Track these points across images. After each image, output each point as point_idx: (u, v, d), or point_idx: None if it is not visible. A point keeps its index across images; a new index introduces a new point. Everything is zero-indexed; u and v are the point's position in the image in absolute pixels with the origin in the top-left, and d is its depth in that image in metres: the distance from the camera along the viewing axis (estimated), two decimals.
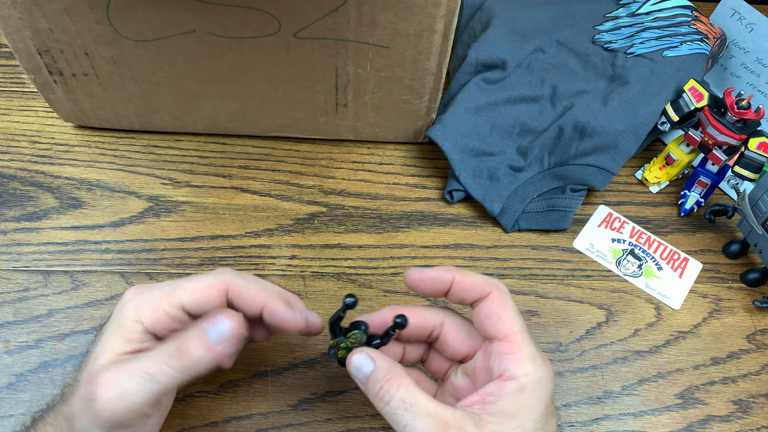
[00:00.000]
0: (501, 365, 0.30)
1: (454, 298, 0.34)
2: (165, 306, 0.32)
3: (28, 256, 0.46)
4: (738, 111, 0.47)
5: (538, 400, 0.30)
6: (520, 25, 0.54)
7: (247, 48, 0.44)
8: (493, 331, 0.32)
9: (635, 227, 0.51)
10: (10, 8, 0.41)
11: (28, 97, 0.54)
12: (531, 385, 0.30)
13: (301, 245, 0.48)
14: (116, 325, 0.32)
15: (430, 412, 0.29)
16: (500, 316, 0.31)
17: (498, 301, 0.32)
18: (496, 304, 0.32)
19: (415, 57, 0.45)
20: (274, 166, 0.52)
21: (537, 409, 0.29)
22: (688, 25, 0.53)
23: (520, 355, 0.30)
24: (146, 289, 0.33)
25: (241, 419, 0.40)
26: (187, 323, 0.32)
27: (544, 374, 0.30)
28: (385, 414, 0.30)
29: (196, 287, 0.32)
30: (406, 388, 0.30)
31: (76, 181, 0.49)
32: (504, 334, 0.31)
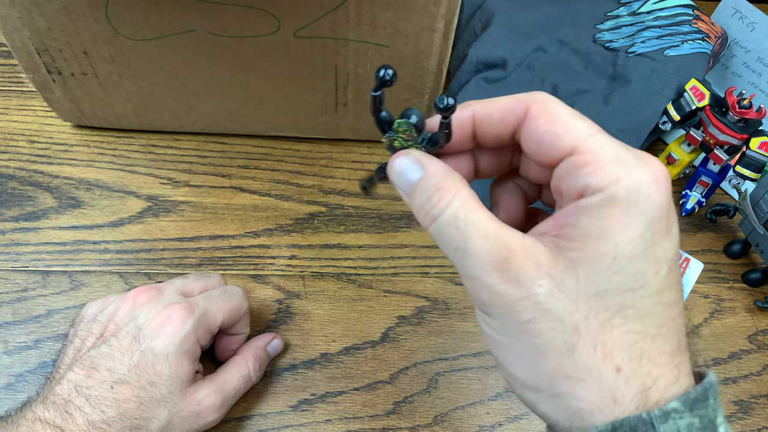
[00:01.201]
0: (578, 183, 0.22)
1: (486, 141, 0.26)
2: (213, 330, 0.38)
3: (26, 256, 0.45)
4: (739, 110, 0.47)
5: (634, 214, 0.21)
6: (521, 24, 0.54)
7: (247, 47, 0.44)
8: (555, 153, 0.23)
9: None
10: (9, 7, 0.41)
11: (26, 96, 0.54)
12: (623, 195, 0.21)
13: (301, 245, 0.47)
14: (184, 351, 0.35)
15: (490, 233, 0.22)
16: (553, 131, 0.23)
17: (542, 113, 0.23)
18: (542, 120, 0.23)
19: (415, 56, 0.44)
20: (273, 165, 0.52)
21: (634, 227, 0.21)
22: (689, 24, 0.53)
23: (599, 163, 0.22)
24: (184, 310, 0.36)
25: (240, 420, 0.40)
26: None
27: (643, 178, 0.21)
28: (433, 234, 0.23)
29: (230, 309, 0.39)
30: (462, 201, 0.23)
31: (75, 181, 0.49)
32: (568, 148, 0.22)
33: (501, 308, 0.22)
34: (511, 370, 0.23)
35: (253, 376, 0.39)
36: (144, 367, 0.34)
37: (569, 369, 0.21)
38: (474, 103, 0.25)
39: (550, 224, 0.23)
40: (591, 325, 0.21)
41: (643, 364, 0.21)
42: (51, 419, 0.32)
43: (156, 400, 0.34)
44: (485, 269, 0.22)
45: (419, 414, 0.41)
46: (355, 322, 0.44)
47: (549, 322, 0.21)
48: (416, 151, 0.25)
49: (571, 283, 0.21)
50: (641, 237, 0.21)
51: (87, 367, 0.34)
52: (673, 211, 0.22)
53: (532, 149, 0.24)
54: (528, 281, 0.21)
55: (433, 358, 0.43)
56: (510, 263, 0.22)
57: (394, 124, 0.25)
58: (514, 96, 0.24)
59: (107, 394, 0.33)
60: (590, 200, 0.21)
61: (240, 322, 0.39)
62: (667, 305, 0.22)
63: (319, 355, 0.43)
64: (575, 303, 0.21)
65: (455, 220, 0.22)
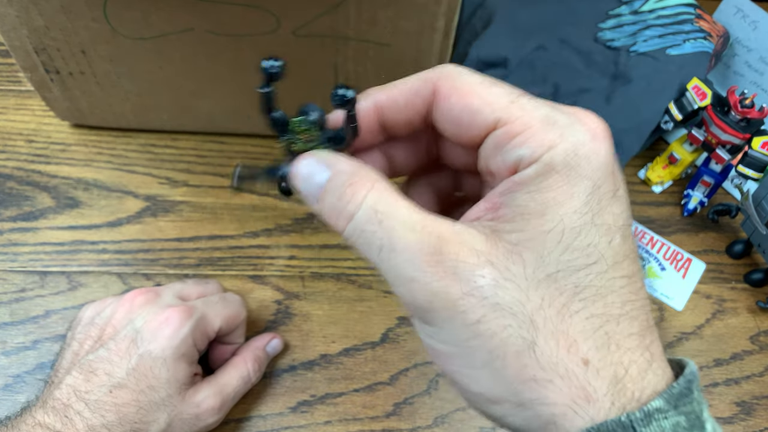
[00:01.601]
0: (508, 157, 0.19)
1: (397, 131, 0.23)
2: (210, 335, 0.37)
3: (24, 256, 0.45)
4: (741, 110, 0.46)
5: (576, 180, 0.19)
6: (522, 23, 0.54)
7: (246, 46, 0.43)
8: (476, 130, 0.20)
9: (638, 227, 0.50)
10: (7, 6, 0.40)
11: (24, 95, 0.53)
12: (561, 160, 0.19)
13: (300, 245, 0.47)
14: (182, 354, 0.35)
15: (416, 224, 0.19)
16: (469, 106, 0.20)
17: (453, 89, 0.21)
18: (455, 97, 0.20)
19: (415, 55, 0.44)
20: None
21: (578, 194, 0.19)
22: (691, 23, 0.53)
23: (528, 130, 0.19)
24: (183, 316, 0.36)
25: (239, 421, 0.40)
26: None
27: (579, 137, 0.19)
28: (350, 235, 0.20)
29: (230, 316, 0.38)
30: (380, 193, 0.20)
31: (73, 181, 0.49)
32: (490, 121, 0.20)
33: (442, 312, 0.19)
34: (467, 386, 0.20)
35: (253, 377, 0.39)
36: (142, 371, 0.33)
37: (533, 370, 0.18)
38: (374, 91, 0.23)
39: (482, 207, 0.20)
40: (548, 315, 0.18)
41: (612, 351, 0.19)
42: (51, 424, 0.31)
43: (155, 403, 0.33)
44: (416, 266, 0.19)
45: (419, 415, 0.41)
46: (354, 323, 0.44)
47: (500, 318, 0.18)
48: (321, 151, 0.22)
49: (516, 270, 0.18)
50: (587, 204, 0.19)
51: (85, 371, 0.33)
52: (617, 169, 0.20)
53: (450, 131, 0.21)
54: (467, 273, 0.18)
55: None
56: (444, 254, 0.19)
57: (290, 124, 0.22)
58: (417, 75, 0.22)
59: (106, 399, 0.32)
60: (525, 173, 0.19)
61: (236, 330, 0.39)
62: (627, 279, 0.19)
63: (318, 356, 0.42)
64: (525, 292, 0.18)
65: (375, 214, 0.19)
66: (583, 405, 0.18)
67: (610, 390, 0.18)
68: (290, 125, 0.22)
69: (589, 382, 0.18)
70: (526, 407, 0.19)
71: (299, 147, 0.22)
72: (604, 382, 0.18)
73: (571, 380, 0.18)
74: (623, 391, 0.18)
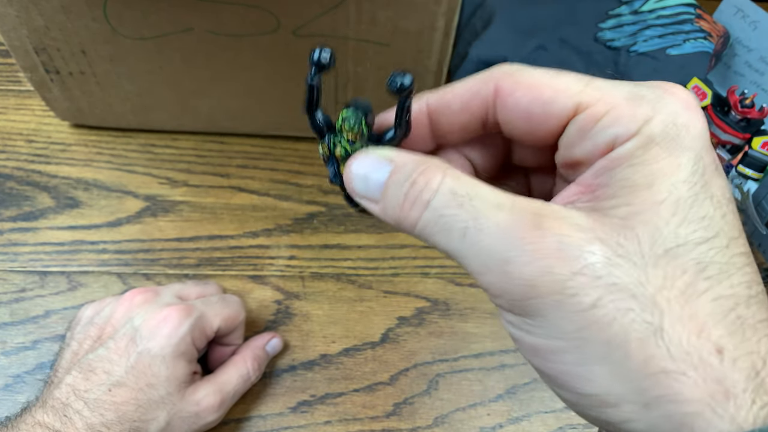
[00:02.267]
0: (600, 140, 0.18)
1: (449, 137, 0.21)
2: (209, 334, 0.37)
3: (24, 256, 0.45)
4: (742, 110, 0.46)
5: (680, 150, 0.17)
6: (522, 23, 0.54)
7: (246, 46, 0.43)
8: (554, 121, 0.19)
9: None
10: (7, 6, 0.40)
11: (24, 95, 0.53)
12: (660, 131, 0.17)
13: (300, 245, 0.47)
14: (181, 352, 0.35)
15: (504, 203, 0.17)
16: (541, 98, 0.19)
17: (518, 85, 0.19)
18: (521, 91, 0.19)
19: (415, 55, 0.44)
20: (272, 165, 0.51)
21: (684, 165, 0.17)
22: (691, 23, 0.53)
23: (617, 109, 0.18)
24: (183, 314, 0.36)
25: (239, 421, 0.40)
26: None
27: (674, 107, 0.18)
28: (427, 225, 0.18)
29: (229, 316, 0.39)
30: (455, 176, 0.18)
31: (73, 181, 0.49)
32: (569, 109, 0.18)
33: (548, 297, 0.16)
34: (577, 387, 0.17)
35: (252, 376, 0.39)
36: (141, 369, 0.33)
37: (662, 361, 0.16)
38: (426, 94, 0.21)
39: (573, 191, 0.18)
40: (672, 296, 0.16)
41: (747, 337, 0.16)
42: (50, 423, 0.31)
43: (154, 401, 0.33)
44: (512, 244, 0.16)
45: (419, 415, 0.41)
46: (354, 323, 0.44)
47: (619, 301, 0.16)
48: (375, 147, 0.20)
49: (630, 246, 0.16)
50: (694, 174, 0.17)
51: (85, 370, 0.33)
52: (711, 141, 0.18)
53: (521, 128, 0.19)
54: (574, 249, 0.16)
55: (433, 359, 0.43)
56: (544, 229, 0.16)
57: (340, 119, 0.20)
58: (474, 77, 0.20)
59: (105, 397, 0.32)
60: (624, 148, 0.17)
61: (235, 332, 0.39)
62: (747, 257, 0.17)
63: (318, 356, 0.42)
64: (644, 270, 0.16)
65: (454, 197, 0.17)
66: (722, 402, 0.16)
67: (750, 384, 0.16)
68: (339, 121, 0.20)
69: (725, 374, 0.16)
70: (653, 407, 0.16)
71: (342, 150, 0.20)
72: (742, 374, 0.16)
73: (706, 372, 0.16)
74: (763, 387, 0.16)
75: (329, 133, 0.20)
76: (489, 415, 0.41)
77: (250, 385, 0.39)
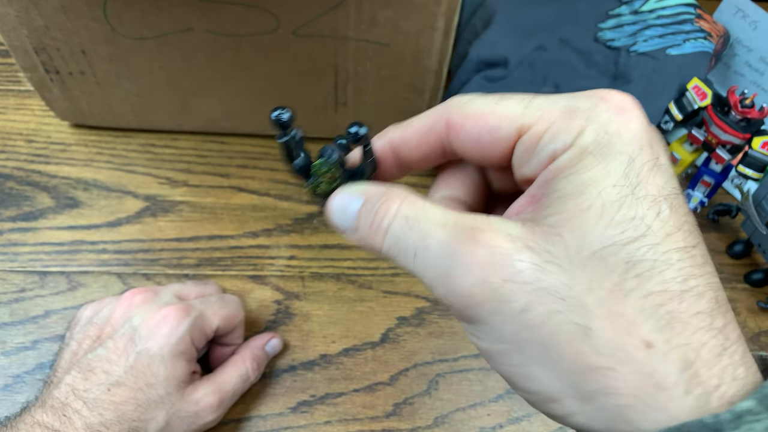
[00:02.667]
0: (542, 157, 0.19)
1: (415, 165, 0.23)
2: (208, 333, 0.37)
3: (24, 256, 0.45)
4: (742, 109, 0.46)
5: (611, 156, 0.18)
6: (522, 23, 0.54)
7: (246, 46, 0.43)
8: (502, 145, 0.20)
9: None
10: (7, 6, 0.40)
11: (24, 95, 0.53)
12: (592, 140, 0.18)
13: (300, 245, 0.47)
14: (179, 352, 0.35)
15: (448, 221, 0.19)
16: (487, 126, 0.20)
17: (466, 117, 0.21)
18: (470, 122, 0.20)
19: (415, 55, 0.44)
20: (272, 165, 0.51)
21: (614, 169, 0.18)
22: (691, 23, 0.53)
23: (554, 125, 0.19)
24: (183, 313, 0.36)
25: (239, 421, 0.40)
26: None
27: (606, 115, 0.19)
28: (389, 248, 0.20)
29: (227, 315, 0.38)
30: (410, 203, 0.20)
31: (73, 181, 0.49)
32: (513, 132, 0.20)
33: (485, 304, 0.18)
34: (525, 385, 0.18)
35: (252, 376, 0.39)
36: (140, 369, 0.33)
37: (591, 358, 0.17)
38: (390, 131, 0.23)
39: (522, 203, 0.20)
40: (599, 296, 0.17)
41: (678, 332, 0.17)
42: (49, 423, 0.31)
43: (153, 401, 0.33)
44: (451, 259, 0.18)
45: (419, 415, 0.41)
46: (354, 323, 0.44)
47: (547, 304, 0.17)
48: (349, 184, 0.23)
49: (558, 251, 0.17)
50: (625, 177, 0.18)
51: (84, 370, 0.33)
52: (656, 139, 0.19)
53: (476, 155, 0.21)
54: (504, 259, 0.17)
55: (433, 359, 0.43)
56: (477, 243, 0.18)
57: (313, 168, 0.23)
58: (428, 113, 0.22)
59: (104, 397, 0.32)
60: (560, 160, 0.18)
61: (234, 332, 0.39)
62: (684, 252, 0.17)
63: (318, 356, 0.42)
64: (571, 274, 0.17)
65: (407, 221, 0.19)
66: (654, 394, 0.16)
67: (682, 376, 0.16)
68: (312, 169, 0.23)
69: (656, 367, 0.16)
70: (589, 401, 0.17)
71: (324, 188, 0.23)
72: (673, 367, 0.16)
73: (634, 366, 0.17)
74: (697, 379, 0.16)
75: (311, 174, 0.23)
76: (489, 415, 0.41)
77: (250, 385, 0.39)
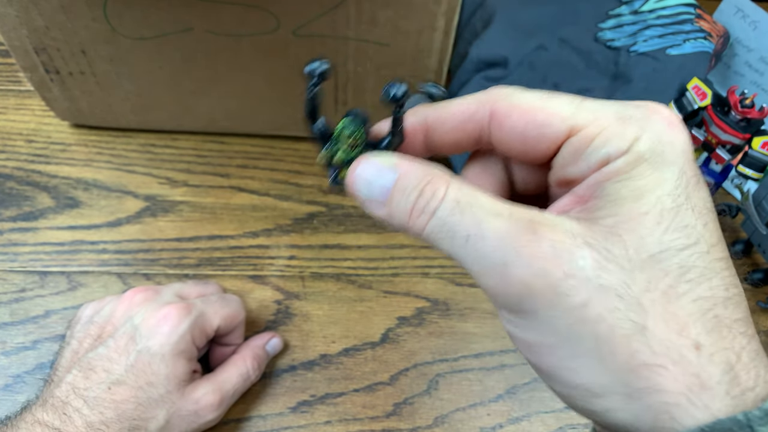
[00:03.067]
0: (593, 160, 0.19)
1: (442, 150, 0.23)
2: (209, 332, 0.37)
3: (24, 256, 0.45)
4: (742, 110, 0.46)
5: (665, 166, 0.19)
6: (522, 23, 0.54)
7: (246, 46, 0.43)
8: (547, 143, 0.20)
9: None
10: (7, 6, 0.40)
11: (24, 95, 0.53)
12: (647, 149, 0.19)
13: (300, 245, 0.47)
14: (180, 351, 0.35)
15: (503, 211, 0.19)
16: (536, 122, 0.20)
17: (513, 108, 0.21)
18: (517, 115, 0.20)
19: (415, 55, 0.44)
20: (272, 165, 0.51)
21: (669, 179, 0.19)
22: (691, 23, 0.53)
23: (607, 130, 0.19)
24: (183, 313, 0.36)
25: (239, 421, 0.40)
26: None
27: (659, 127, 0.19)
28: (432, 232, 0.20)
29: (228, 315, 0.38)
30: (458, 187, 0.19)
31: (73, 181, 0.49)
32: (562, 132, 0.20)
33: (542, 297, 0.18)
34: (568, 379, 0.19)
35: (252, 375, 0.39)
36: (141, 367, 0.33)
37: (644, 356, 0.17)
38: (425, 109, 0.22)
39: (567, 201, 0.20)
40: (655, 297, 0.18)
41: (723, 335, 0.18)
42: (50, 421, 0.31)
43: (154, 400, 0.33)
44: (510, 249, 0.18)
45: (419, 415, 0.41)
46: (354, 323, 0.44)
47: (607, 300, 0.17)
48: (379, 153, 0.21)
49: (618, 251, 0.18)
50: (678, 187, 0.19)
51: (85, 368, 0.33)
52: (694, 156, 0.20)
53: (516, 149, 0.21)
54: (566, 253, 0.18)
55: (433, 359, 0.43)
56: (538, 235, 0.18)
57: (338, 128, 0.21)
58: (470, 98, 0.22)
59: (105, 396, 0.32)
60: (615, 165, 0.19)
61: (235, 332, 0.39)
62: (725, 262, 0.19)
63: (318, 356, 0.42)
64: (630, 273, 0.18)
65: (458, 205, 0.19)
66: (698, 393, 0.17)
67: (724, 377, 0.17)
68: (338, 129, 0.21)
69: (703, 367, 0.17)
70: (635, 398, 0.18)
71: (340, 157, 0.21)
72: (718, 368, 0.17)
73: (684, 366, 0.17)
74: (736, 380, 0.17)
75: (329, 140, 0.22)
76: (489, 415, 0.41)
77: (250, 385, 0.39)
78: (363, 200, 0.21)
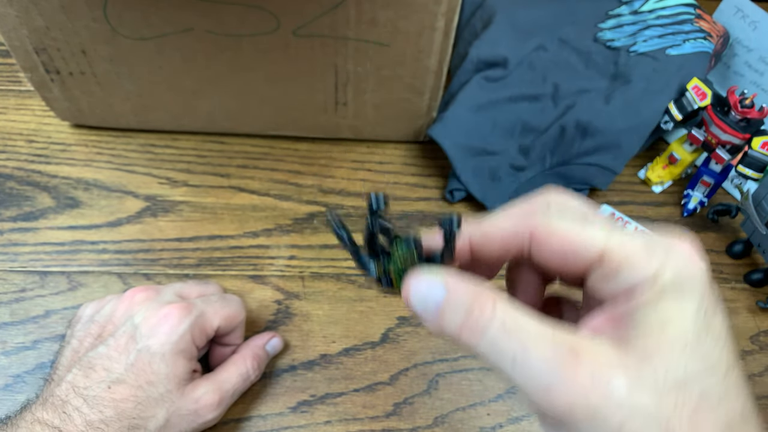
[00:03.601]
0: (620, 286, 0.22)
1: (485, 262, 0.26)
2: (209, 332, 0.37)
3: (24, 256, 0.45)
4: (741, 110, 0.46)
5: (687, 297, 0.21)
6: (522, 23, 0.54)
7: (246, 46, 0.43)
8: (582, 264, 0.23)
9: (638, 227, 0.50)
10: (7, 6, 0.40)
11: (24, 95, 0.53)
12: (671, 282, 0.21)
13: (300, 245, 0.47)
14: (180, 350, 0.35)
15: (545, 335, 0.21)
16: (573, 248, 0.22)
17: (552, 234, 0.23)
18: (555, 240, 0.23)
19: (415, 55, 0.44)
20: (272, 165, 0.51)
21: (691, 309, 0.21)
22: (691, 23, 0.53)
23: (634, 262, 0.21)
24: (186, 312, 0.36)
25: (239, 421, 0.40)
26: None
27: (681, 260, 0.21)
28: (485, 350, 0.22)
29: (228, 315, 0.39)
30: (504, 307, 0.21)
31: (73, 181, 0.49)
32: (594, 258, 0.22)
33: (583, 419, 0.20)
34: None
35: (252, 375, 0.39)
36: (141, 367, 0.33)
37: None
38: (469, 228, 0.25)
39: (602, 320, 0.22)
40: (683, 418, 0.20)
41: None
42: (49, 420, 0.31)
43: (154, 399, 0.33)
44: (554, 374, 0.20)
45: (419, 415, 0.41)
46: (354, 323, 0.44)
47: (640, 421, 0.19)
48: (429, 268, 0.23)
49: (648, 376, 0.20)
50: (699, 317, 0.21)
51: (85, 367, 0.33)
52: (710, 280, 0.22)
53: (554, 266, 0.24)
54: (604, 380, 0.20)
55: (433, 359, 0.43)
56: (579, 362, 0.20)
57: (394, 246, 0.23)
58: (506, 216, 0.24)
59: (105, 394, 0.32)
60: (642, 298, 0.21)
61: (235, 332, 0.39)
62: (741, 380, 0.21)
63: (318, 356, 0.42)
64: (659, 396, 0.20)
65: (504, 327, 0.21)
66: None
67: None
68: (394, 248, 0.24)
69: None
70: None
71: (396, 269, 0.24)
72: None
73: None
74: None
75: (384, 254, 0.24)
76: (489, 415, 0.41)
77: (250, 384, 0.39)
78: (419, 314, 0.23)
